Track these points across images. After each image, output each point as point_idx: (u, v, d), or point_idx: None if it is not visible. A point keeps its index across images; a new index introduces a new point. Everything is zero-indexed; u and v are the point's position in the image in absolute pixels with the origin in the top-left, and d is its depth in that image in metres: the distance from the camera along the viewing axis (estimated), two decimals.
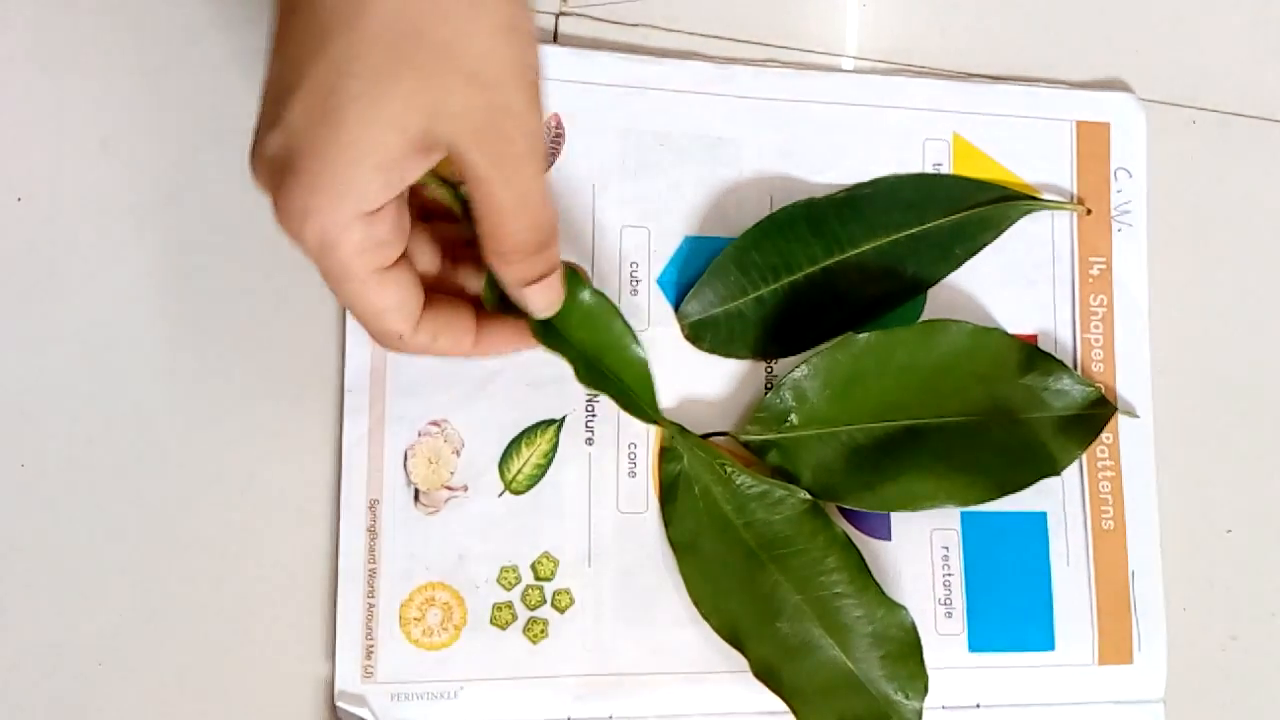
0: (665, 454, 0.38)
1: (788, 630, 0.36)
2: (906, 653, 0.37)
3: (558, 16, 0.40)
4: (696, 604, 0.37)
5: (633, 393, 0.37)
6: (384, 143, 0.27)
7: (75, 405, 0.36)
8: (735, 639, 0.36)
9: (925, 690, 0.37)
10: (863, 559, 0.37)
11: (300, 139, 0.27)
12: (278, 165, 0.27)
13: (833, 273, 0.39)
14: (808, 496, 0.37)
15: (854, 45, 0.42)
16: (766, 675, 0.36)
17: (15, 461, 0.36)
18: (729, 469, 0.37)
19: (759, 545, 0.37)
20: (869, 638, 0.37)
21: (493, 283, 0.33)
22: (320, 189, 0.27)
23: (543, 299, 0.33)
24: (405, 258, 0.31)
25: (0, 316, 0.36)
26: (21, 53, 0.37)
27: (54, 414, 0.36)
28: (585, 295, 0.36)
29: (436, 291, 0.34)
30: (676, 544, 0.38)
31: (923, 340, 0.39)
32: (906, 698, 0.36)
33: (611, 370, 0.37)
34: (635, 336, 0.37)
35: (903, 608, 0.37)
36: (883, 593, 0.37)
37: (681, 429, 0.38)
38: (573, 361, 0.35)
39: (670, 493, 0.38)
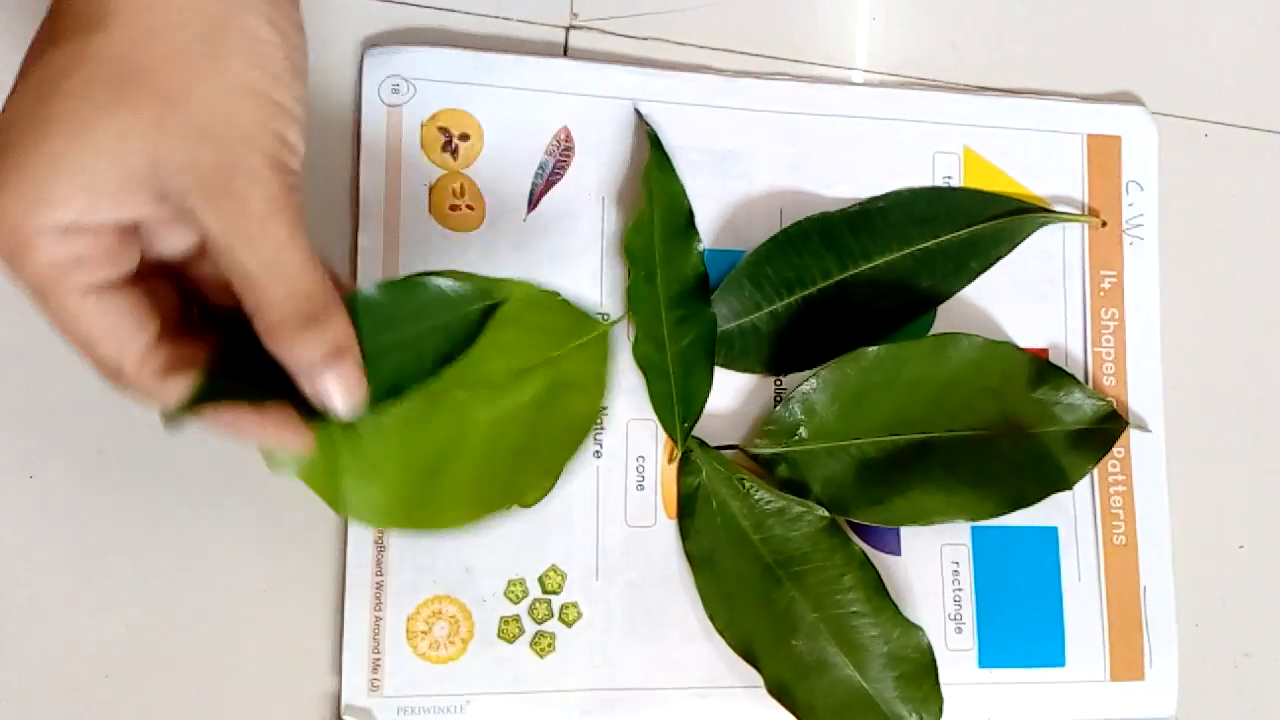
0: (684, 467, 0.38)
1: (803, 648, 0.36)
2: (921, 674, 0.36)
3: (568, 30, 0.40)
4: (712, 619, 0.37)
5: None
6: (94, 167, 0.25)
7: (84, 416, 0.36)
8: (750, 655, 0.36)
9: (939, 713, 0.36)
10: (880, 578, 0.37)
11: (5, 135, 0.26)
12: None
13: (846, 287, 0.39)
14: (825, 514, 0.37)
15: (864, 59, 0.42)
16: (780, 693, 0.36)
17: (24, 472, 0.36)
18: (747, 484, 0.37)
19: (776, 561, 0.37)
20: (884, 658, 0.36)
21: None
22: (11, 187, 0.25)
23: (340, 390, 0.28)
24: (137, 288, 0.28)
25: (10, 327, 0.36)
26: None
27: (63, 424, 0.36)
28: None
29: None
30: (693, 558, 0.37)
31: (933, 354, 0.39)
32: (920, 719, 0.36)
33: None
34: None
35: (919, 629, 0.37)
36: (899, 613, 0.37)
37: (701, 443, 0.38)
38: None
39: (688, 506, 0.38)
